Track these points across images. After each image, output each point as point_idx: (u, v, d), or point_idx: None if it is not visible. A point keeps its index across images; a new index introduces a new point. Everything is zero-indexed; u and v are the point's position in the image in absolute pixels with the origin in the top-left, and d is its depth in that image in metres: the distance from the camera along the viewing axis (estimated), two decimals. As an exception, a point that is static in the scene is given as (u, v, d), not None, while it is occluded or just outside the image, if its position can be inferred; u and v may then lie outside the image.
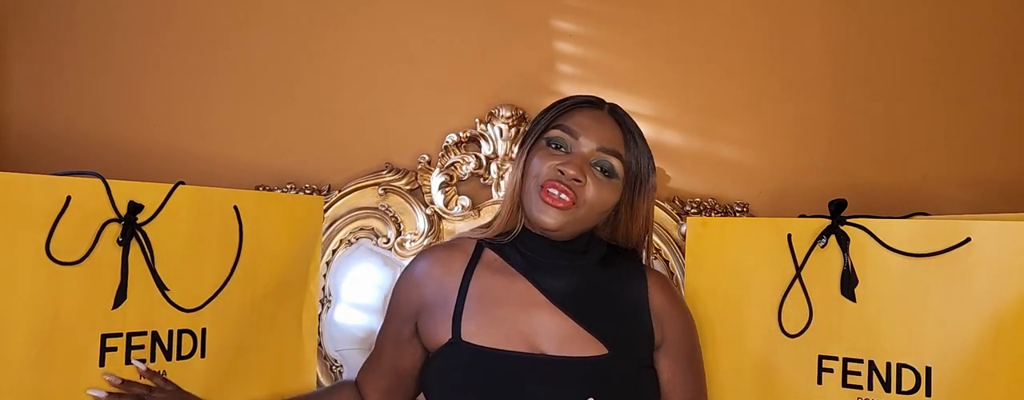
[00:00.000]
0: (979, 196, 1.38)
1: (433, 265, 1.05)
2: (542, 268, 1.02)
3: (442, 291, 1.02)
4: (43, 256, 0.89)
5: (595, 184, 0.99)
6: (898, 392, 1.00)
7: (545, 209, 0.98)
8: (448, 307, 1.00)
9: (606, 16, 1.43)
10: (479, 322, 0.98)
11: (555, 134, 1.02)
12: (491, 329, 0.97)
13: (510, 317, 0.98)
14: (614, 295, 1.03)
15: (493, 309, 0.99)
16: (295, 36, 1.44)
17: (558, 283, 1.01)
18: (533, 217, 0.99)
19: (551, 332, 0.97)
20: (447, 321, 0.99)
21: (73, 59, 1.44)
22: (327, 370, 1.37)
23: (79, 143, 1.42)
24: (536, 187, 0.99)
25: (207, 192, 1.04)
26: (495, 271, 1.03)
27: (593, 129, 1.01)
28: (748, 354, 1.10)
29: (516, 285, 1.01)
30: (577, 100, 1.06)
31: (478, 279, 1.02)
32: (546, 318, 0.98)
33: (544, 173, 0.99)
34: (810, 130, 1.41)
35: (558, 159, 0.99)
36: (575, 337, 0.97)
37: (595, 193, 0.99)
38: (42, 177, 0.91)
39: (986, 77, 1.40)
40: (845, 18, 1.42)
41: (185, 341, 1.01)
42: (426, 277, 1.04)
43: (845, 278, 1.04)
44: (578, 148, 1.00)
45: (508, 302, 0.99)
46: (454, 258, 1.05)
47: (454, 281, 1.02)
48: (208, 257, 1.04)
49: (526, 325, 0.98)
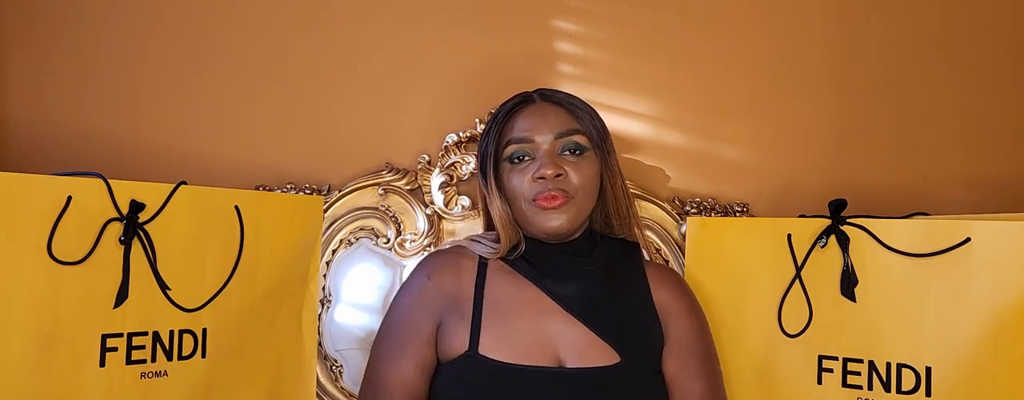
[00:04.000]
0: (979, 196, 1.38)
1: (445, 273, 1.03)
2: (550, 275, 1.01)
3: (457, 300, 1.00)
4: (44, 256, 0.90)
5: (574, 168, 1.00)
6: (898, 392, 1.00)
7: (547, 215, 0.98)
8: (465, 316, 0.98)
9: (606, 16, 1.43)
10: (496, 334, 0.96)
11: (512, 149, 1.02)
12: (509, 342, 0.96)
13: (527, 327, 0.97)
14: (622, 299, 1.03)
15: (509, 319, 0.98)
16: (295, 36, 1.44)
17: (568, 289, 1.00)
18: (540, 228, 1.00)
19: (567, 341, 0.97)
20: (463, 332, 0.97)
21: (73, 59, 1.44)
22: (327, 370, 1.37)
23: (79, 143, 1.42)
24: (529, 203, 1.00)
25: (208, 192, 1.04)
26: (505, 280, 1.02)
27: (539, 123, 1.02)
28: (748, 354, 1.11)
29: (528, 292, 1.00)
30: (508, 107, 1.06)
31: (491, 289, 1.01)
32: (561, 326, 0.98)
33: (528, 188, 0.99)
34: (810, 130, 1.41)
35: (530, 168, 1.00)
36: (591, 346, 0.96)
37: (579, 176, 1.00)
38: (43, 177, 0.91)
39: (986, 77, 1.40)
40: (845, 18, 1.42)
41: (186, 341, 1.01)
42: (440, 285, 1.02)
43: (845, 278, 1.04)
44: (539, 148, 1.01)
45: (523, 311, 0.99)
46: (464, 267, 1.04)
47: (468, 289, 1.01)
48: (209, 257, 1.04)
49: (543, 335, 0.97)
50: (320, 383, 1.35)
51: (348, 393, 1.37)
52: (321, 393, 1.36)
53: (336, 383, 1.37)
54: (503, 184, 1.02)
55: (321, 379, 1.36)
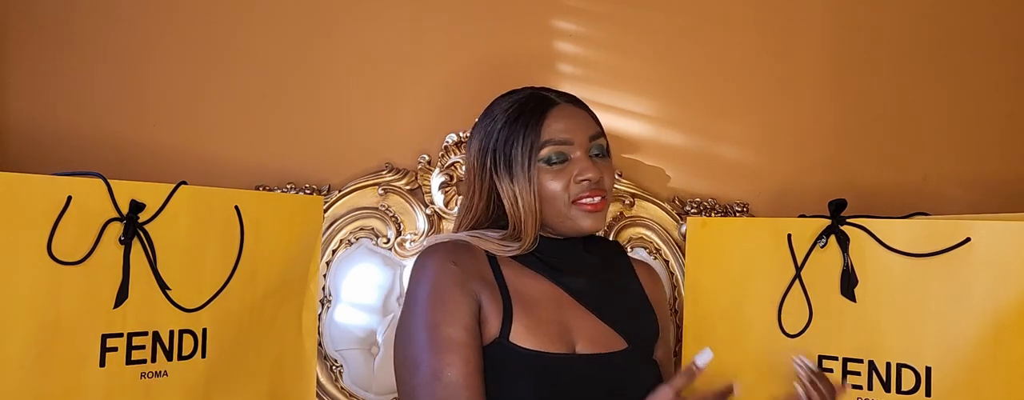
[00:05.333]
0: (979, 196, 1.38)
1: (465, 258, 1.01)
2: (559, 269, 1.05)
3: (486, 284, 1.00)
4: (44, 256, 0.89)
5: (606, 170, 1.04)
6: (898, 392, 1.00)
7: (590, 216, 1.02)
8: (496, 302, 0.99)
9: (606, 16, 1.43)
10: (527, 324, 0.98)
11: (549, 151, 1.01)
12: (537, 331, 0.98)
13: (550, 319, 1.00)
14: (623, 290, 1.11)
15: (534, 309, 1.00)
16: (295, 36, 1.44)
17: (578, 282, 1.05)
18: (576, 228, 1.03)
19: (582, 330, 1.01)
20: (496, 319, 0.98)
21: (73, 59, 1.44)
22: (327, 370, 1.37)
23: (79, 143, 1.42)
24: (566, 203, 1.02)
25: (208, 192, 1.04)
26: (520, 272, 1.04)
27: (574, 126, 1.03)
28: (748, 354, 1.10)
29: (543, 285, 1.03)
30: (532, 106, 1.04)
31: (509, 279, 1.02)
32: (576, 317, 1.02)
33: (572, 191, 1.01)
34: (810, 130, 1.41)
35: (569, 170, 1.01)
36: (603, 333, 1.02)
37: (608, 177, 1.05)
38: (43, 177, 0.91)
39: (986, 77, 1.40)
40: (845, 18, 1.42)
41: (186, 341, 1.01)
42: (466, 268, 1.00)
43: (845, 278, 1.04)
44: (575, 150, 1.03)
45: (545, 303, 1.02)
46: (477, 256, 1.03)
47: (490, 277, 1.01)
48: (209, 257, 1.04)
49: (563, 325, 1.01)
50: (320, 383, 1.35)
51: (348, 393, 1.37)
52: (321, 393, 1.36)
53: (336, 383, 1.37)
54: (543, 184, 1.01)
55: (321, 379, 1.36)
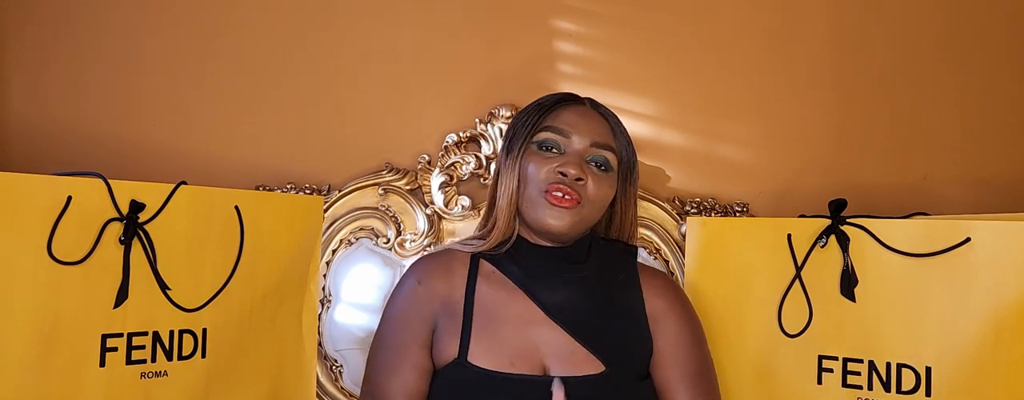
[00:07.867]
0: (979, 196, 1.38)
1: (435, 277, 1.02)
2: (540, 281, 1.00)
3: (449, 304, 1.00)
4: (44, 256, 0.89)
5: (595, 180, 0.99)
6: (898, 392, 1.00)
7: (553, 211, 0.97)
8: (456, 323, 0.98)
9: (606, 16, 1.43)
10: (486, 344, 0.96)
11: (546, 136, 1.01)
12: (497, 351, 0.95)
13: (515, 335, 0.96)
14: (612, 306, 1.02)
15: (497, 327, 0.97)
16: (295, 36, 1.44)
17: (556, 297, 0.99)
18: (539, 222, 0.98)
19: (553, 350, 0.96)
20: (454, 339, 0.97)
21: (73, 59, 1.44)
22: (327, 370, 1.37)
23: (79, 143, 1.42)
24: (539, 192, 0.98)
25: (208, 192, 1.04)
26: (495, 285, 1.01)
27: (583, 126, 1.01)
28: (748, 354, 1.11)
29: (516, 300, 1.00)
30: (557, 98, 1.06)
31: (480, 294, 1.00)
32: (548, 335, 0.97)
33: (545, 177, 0.98)
34: (810, 130, 1.41)
35: (555, 161, 0.99)
36: (576, 355, 0.96)
37: (596, 189, 0.99)
38: (43, 177, 0.91)
39: (987, 77, 1.40)
40: (846, 18, 1.42)
41: (186, 341, 1.01)
42: (432, 289, 1.01)
43: (845, 278, 1.04)
44: (572, 146, 1.00)
45: (510, 320, 0.98)
46: (454, 271, 1.03)
47: (458, 293, 1.00)
48: (209, 257, 1.04)
49: (530, 344, 0.96)
50: (320, 383, 1.35)
51: (348, 393, 1.37)
52: (321, 393, 1.36)
53: (336, 383, 1.37)
54: (524, 166, 1.00)
55: (321, 379, 1.36)
